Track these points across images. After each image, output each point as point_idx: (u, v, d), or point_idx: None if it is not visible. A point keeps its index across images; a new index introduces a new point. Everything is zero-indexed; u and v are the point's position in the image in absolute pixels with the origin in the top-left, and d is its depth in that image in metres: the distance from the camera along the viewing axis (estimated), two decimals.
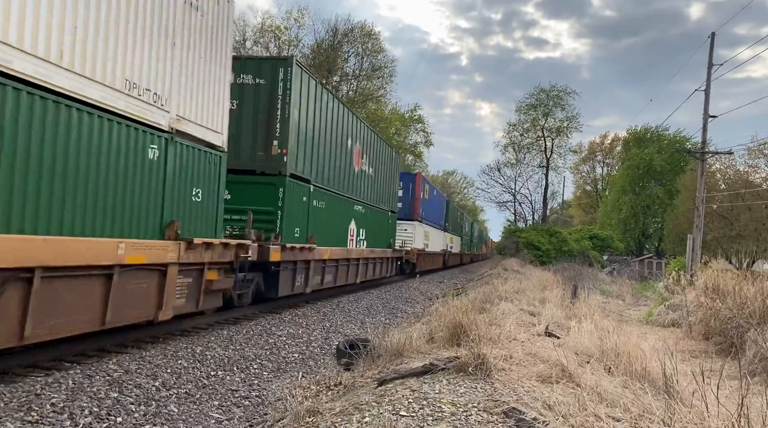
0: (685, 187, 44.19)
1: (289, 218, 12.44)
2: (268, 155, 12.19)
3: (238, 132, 11.95)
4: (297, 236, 12.96)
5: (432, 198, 33.61)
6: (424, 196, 30.26)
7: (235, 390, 7.22)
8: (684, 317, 14.15)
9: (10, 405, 5.38)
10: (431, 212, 32.99)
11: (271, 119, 12.30)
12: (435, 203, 35.12)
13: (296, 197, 12.87)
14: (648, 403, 4.64)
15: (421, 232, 29.67)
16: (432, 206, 33.50)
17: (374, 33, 46.59)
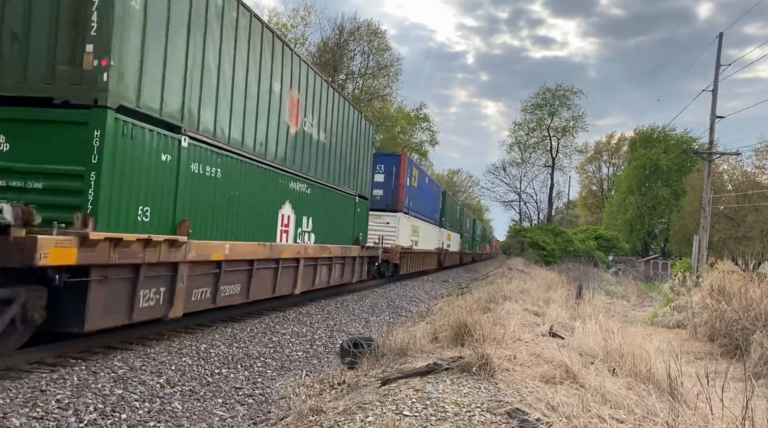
0: (691, 187, 44.03)
1: (120, 188, 7.06)
2: (77, 70, 6.85)
3: (22, 29, 6.97)
4: (145, 220, 7.60)
5: (423, 187, 28.63)
6: (411, 183, 25.28)
7: (239, 388, 7.24)
8: (689, 319, 14.09)
9: (15, 400, 5.41)
10: (422, 203, 28.42)
11: (82, 5, 6.86)
12: (427, 193, 30.17)
13: (140, 151, 7.40)
14: (652, 405, 4.63)
15: (408, 226, 24.66)
16: (423, 196, 28.73)
17: (380, 31, 46.59)
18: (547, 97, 61.58)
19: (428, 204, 30.52)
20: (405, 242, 24.06)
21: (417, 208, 26.90)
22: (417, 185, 26.70)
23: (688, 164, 52.64)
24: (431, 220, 31.41)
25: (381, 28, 47.46)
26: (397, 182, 23.46)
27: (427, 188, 30.52)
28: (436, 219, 33.38)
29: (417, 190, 26.77)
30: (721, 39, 27.63)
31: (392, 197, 23.30)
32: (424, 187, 29.06)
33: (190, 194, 8.53)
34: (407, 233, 24.60)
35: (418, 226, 27.48)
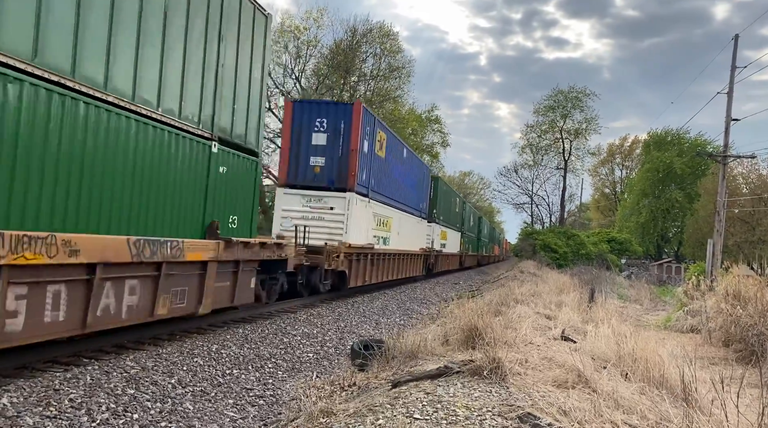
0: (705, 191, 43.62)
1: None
2: None
3: None
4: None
5: (398, 162, 20.64)
6: (374, 150, 17.28)
7: (250, 389, 7.26)
8: (703, 324, 13.93)
9: (29, 399, 5.46)
10: (396, 185, 20.59)
11: None
12: (406, 172, 22.09)
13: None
14: (665, 410, 4.58)
15: (366, 214, 16.85)
16: (399, 175, 20.92)
17: (393, 33, 46.61)
18: (559, 99, 61.44)
19: (407, 188, 22.50)
20: (360, 238, 16.29)
21: (386, 190, 19.07)
22: (386, 157, 18.59)
23: (702, 167, 52.16)
24: (413, 210, 23.95)
25: (393, 30, 47.32)
26: (347, 145, 15.45)
27: (406, 164, 22.12)
28: (422, 210, 25.87)
29: (386, 164, 18.66)
30: (737, 40, 27.35)
31: (339, 169, 15.47)
32: (399, 162, 20.76)
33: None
34: (365, 224, 16.84)
35: (388, 217, 19.60)
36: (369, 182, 17.05)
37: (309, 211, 15.35)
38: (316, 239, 14.36)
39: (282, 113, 15.10)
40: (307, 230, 14.06)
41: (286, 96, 39.43)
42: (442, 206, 31.21)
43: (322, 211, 15.39)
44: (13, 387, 5.64)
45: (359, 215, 16.10)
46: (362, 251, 16.73)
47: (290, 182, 15.68)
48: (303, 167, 15.63)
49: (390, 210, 19.94)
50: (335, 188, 15.46)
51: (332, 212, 15.35)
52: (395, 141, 20.44)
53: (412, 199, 23.67)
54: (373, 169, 17.33)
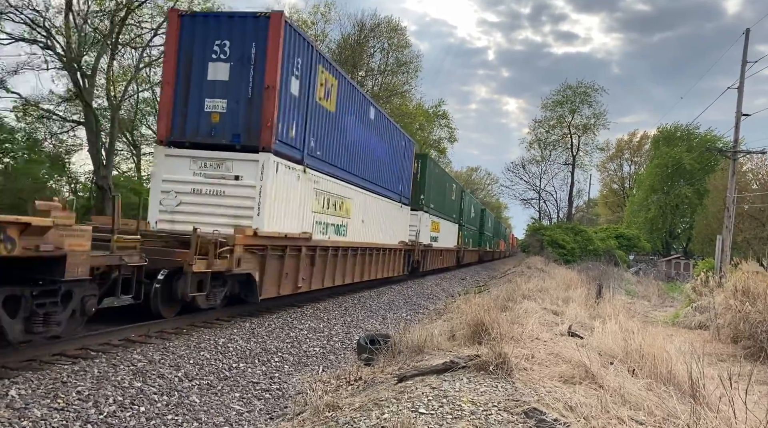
0: (715, 187, 43.30)
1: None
2: None
3: None
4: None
5: (356, 120, 15.23)
6: (310, 96, 12.03)
7: (256, 383, 7.28)
8: (712, 320, 13.85)
9: (37, 391, 5.50)
10: (357, 153, 15.56)
11: None
12: (373, 139, 16.94)
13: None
14: (673, 407, 4.54)
15: (300, 191, 11.98)
16: (360, 140, 15.66)
17: (400, 28, 46.49)
18: (567, 94, 61.04)
19: (378, 162, 17.60)
20: (287, 225, 11.39)
21: (339, 159, 14.12)
22: (337, 112, 13.61)
23: (712, 163, 51.77)
24: (389, 193, 19.10)
25: (401, 25, 47.25)
26: (260, 80, 10.46)
27: (376, 131, 17.10)
28: (403, 194, 21.10)
29: (337, 122, 13.70)
30: (748, 35, 27.07)
31: (249, 118, 10.53)
32: (362, 124, 15.66)
33: None
34: (299, 204, 11.91)
35: (344, 198, 14.56)
36: (305, 143, 11.82)
37: (203, 182, 10.49)
38: (213, 225, 9.84)
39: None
40: (168, 216, 10.43)
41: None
42: (433, 192, 26.39)
43: (223, 182, 10.48)
44: (21, 380, 5.68)
45: (285, 190, 11.12)
46: (288, 244, 11.37)
47: (175, 137, 10.66)
48: (194, 115, 10.56)
49: (348, 188, 14.87)
50: (243, 147, 10.46)
51: (238, 185, 10.43)
52: (354, 93, 14.91)
53: (386, 178, 18.61)
54: (314, 124, 12.17)
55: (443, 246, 29.53)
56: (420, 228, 23.74)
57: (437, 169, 28.23)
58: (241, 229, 9.80)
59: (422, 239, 24.10)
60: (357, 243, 15.95)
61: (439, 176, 28.68)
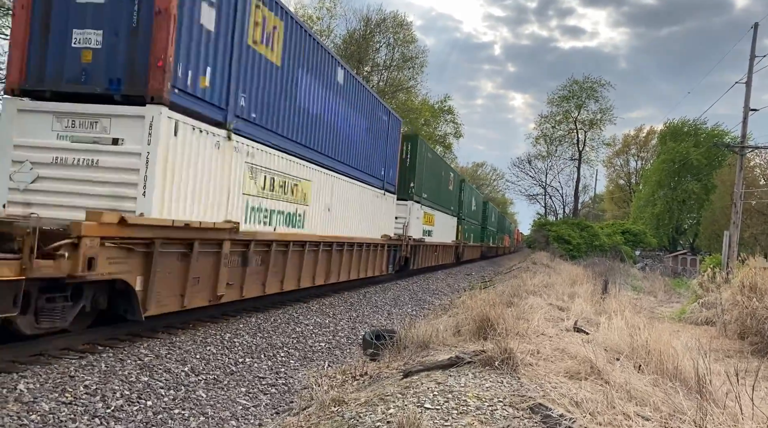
0: (722, 182, 43.12)
1: None
2: None
3: None
4: None
5: (315, 81, 12.16)
6: (238, 35, 8.88)
7: (262, 378, 7.31)
8: (719, 316, 13.80)
9: (45, 385, 5.54)
10: (318, 123, 12.54)
11: None
12: (344, 109, 14.09)
13: None
14: (679, 403, 4.53)
15: (222, 164, 8.81)
16: (324, 107, 12.80)
17: (406, 23, 46.38)
18: (574, 89, 60.86)
19: (350, 138, 14.64)
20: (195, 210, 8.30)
21: (289, 127, 11.10)
22: (285, 66, 10.67)
23: (719, 158, 51.53)
24: (367, 177, 16.27)
25: (407, 20, 47.24)
26: (149, 2, 7.46)
27: (347, 99, 14.11)
28: (387, 180, 18.28)
29: (287, 79, 10.81)
30: (757, 29, 26.88)
31: (132, 54, 7.54)
32: (326, 88, 12.69)
33: None
34: (220, 182, 8.91)
35: (299, 179, 11.67)
36: (229, 99, 8.77)
37: (69, 148, 7.60)
38: (83, 209, 7.03)
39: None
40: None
41: None
42: (426, 180, 23.33)
43: (97, 148, 7.53)
44: (30, 374, 5.73)
45: (192, 161, 8.05)
46: (198, 238, 8.16)
47: (30, 85, 7.74)
48: (57, 53, 7.63)
49: (305, 168, 11.89)
50: (125, 98, 7.53)
51: (117, 152, 7.50)
52: (312, 46, 11.68)
53: (363, 159, 15.77)
54: (246, 77, 9.21)
55: (439, 241, 26.66)
56: (409, 220, 20.71)
57: (430, 154, 24.72)
58: (96, 214, 6.55)
59: (412, 233, 20.96)
60: (319, 237, 12.76)
61: (434, 162, 25.15)
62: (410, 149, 21.12)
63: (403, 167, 20.46)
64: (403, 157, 20.64)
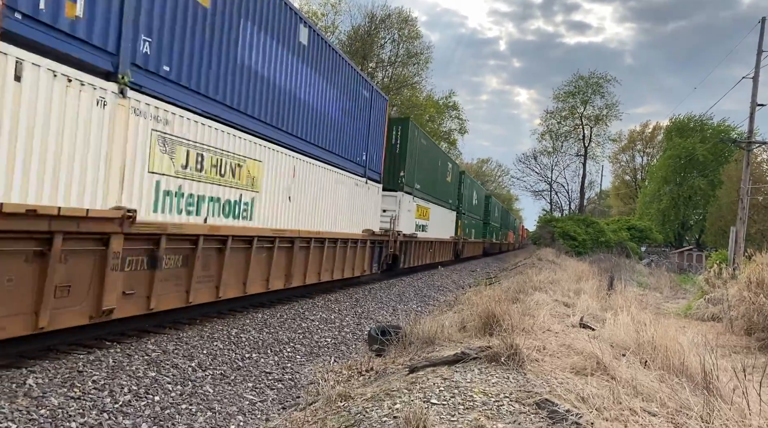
0: (729, 178, 42.90)
1: None
2: None
3: None
4: None
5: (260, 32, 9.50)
6: None
7: (269, 373, 7.34)
8: (725, 312, 13.76)
9: (54, 380, 5.58)
10: (261, 81, 9.76)
11: None
12: (297, 66, 11.00)
13: None
14: (686, 399, 4.53)
15: (76, 133, 6.04)
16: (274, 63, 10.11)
17: (411, 19, 46.29)
18: (579, 84, 60.59)
19: (315, 109, 12.16)
20: (36, 191, 5.61)
21: (218, 86, 8.60)
22: (213, 7, 8.29)
23: (726, 154, 51.22)
24: (340, 161, 13.92)
25: (412, 16, 47.14)
26: None
27: (306, 56, 11.48)
28: (368, 166, 16.02)
29: (214, 22, 8.34)
30: (764, 23, 26.67)
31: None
32: (273, 39, 10.05)
33: None
34: (73, 148, 6.06)
35: (243, 158, 9.37)
36: (122, 40, 6.72)
37: None
38: None
39: None
40: None
41: None
42: (420, 170, 21.09)
43: None
44: (39, 369, 5.77)
45: (46, 121, 5.79)
46: (58, 231, 5.85)
47: None
48: None
49: (254, 144, 9.64)
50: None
51: None
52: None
53: (337, 139, 13.43)
54: (150, 13, 7.14)
55: (435, 237, 24.56)
56: (399, 213, 18.44)
57: (424, 140, 21.93)
58: None
59: (402, 228, 18.75)
60: (273, 232, 10.39)
61: (429, 150, 22.64)
62: (400, 134, 18.74)
63: (392, 153, 18.50)
64: (392, 142, 18.62)
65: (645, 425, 4.03)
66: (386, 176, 18.12)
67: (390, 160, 18.50)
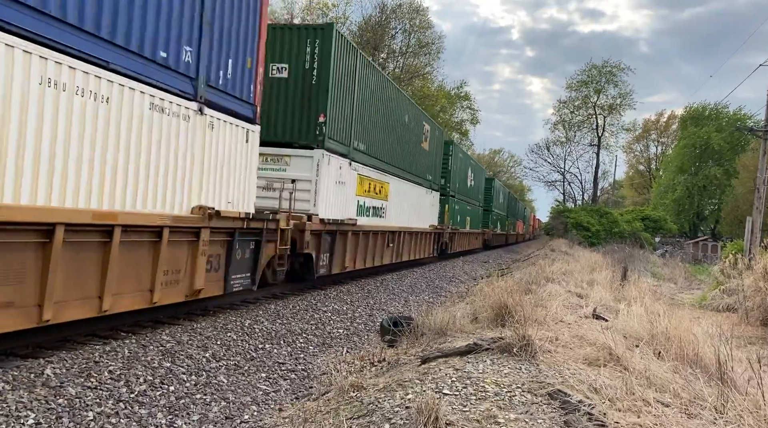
0: (745, 167, 42.40)
1: None
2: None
3: None
4: None
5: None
6: None
7: (282, 363, 7.40)
8: (740, 302, 13.64)
9: (71, 370, 5.67)
10: None
11: None
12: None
13: None
14: (699, 389, 4.51)
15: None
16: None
17: (422, 9, 46.04)
18: (593, 73, 59.96)
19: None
20: None
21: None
22: None
23: (742, 143, 50.59)
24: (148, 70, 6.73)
25: (423, 5, 46.82)
26: None
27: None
28: (221, 81, 8.31)
29: None
30: None
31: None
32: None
33: None
34: None
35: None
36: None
37: None
38: None
39: None
40: None
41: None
42: (366, 120, 14.06)
43: None
44: (56, 359, 5.86)
45: None
46: None
47: None
48: None
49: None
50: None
51: None
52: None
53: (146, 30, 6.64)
54: None
55: (400, 225, 17.56)
56: (317, 185, 11.55)
57: (372, 74, 14.29)
58: None
59: (322, 209, 11.71)
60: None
61: (384, 91, 15.27)
62: (318, 51, 11.70)
63: (302, 82, 11.69)
64: (305, 62, 11.73)
65: (658, 415, 4.01)
66: (289, 121, 11.69)
67: (302, 94, 11.66)
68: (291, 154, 11.75)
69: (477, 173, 33.79)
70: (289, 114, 11.83)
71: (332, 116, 12.09)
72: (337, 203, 12.76)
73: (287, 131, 11.83)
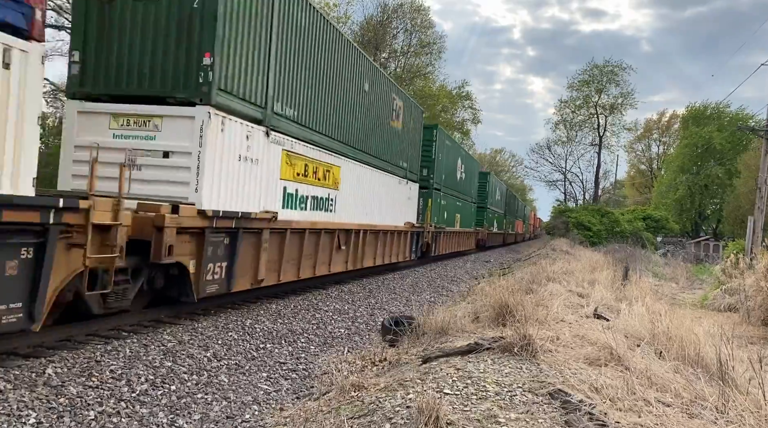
0: (746, 166, 42.30)
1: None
2: None
3: None
4: None
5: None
6: None
7: (283, 363, 7.40)
8: (742, 302, 13.62)
9: (72, 370, 5.68)
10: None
11: None
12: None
13: None
14: (701, 389, 4.51)
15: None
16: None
17: (423, 8, 45.98)
18: (594, 73, 59.93)
19: None
20: None
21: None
22: None
23: (744, 142, 50.49)
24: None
25: (424, 5, 46.82)
26: None
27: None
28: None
29: None
30: None
31: None
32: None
33: None
34: None
35: None
36: None
37: None
38: None
39: None
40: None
41: None
42: (302, 80, 10.53)
43: None
44: (57, 359, 5.87)
45: None
46: None
47: None
48: None
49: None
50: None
51: None
52: None
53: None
54: None
55: (361, 223, 14.23)
56: (202, 161, 7.81)
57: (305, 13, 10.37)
58: None
59: (204, 198, 7.83)
60: None
61: (320, 32, 11.10)
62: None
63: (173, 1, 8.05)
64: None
65: (659, 415, 4.01)
66: (160, 64, 8.05)
67: (178, 22, 7.97)
68: (162, 113, 7.99)
69: (469, 165, 29.10)
70: (159, 54, 7.99)
71: (229, 58, 8.16)
72: (242, 189, 8.84)
73: (156, 80, 7.99)
